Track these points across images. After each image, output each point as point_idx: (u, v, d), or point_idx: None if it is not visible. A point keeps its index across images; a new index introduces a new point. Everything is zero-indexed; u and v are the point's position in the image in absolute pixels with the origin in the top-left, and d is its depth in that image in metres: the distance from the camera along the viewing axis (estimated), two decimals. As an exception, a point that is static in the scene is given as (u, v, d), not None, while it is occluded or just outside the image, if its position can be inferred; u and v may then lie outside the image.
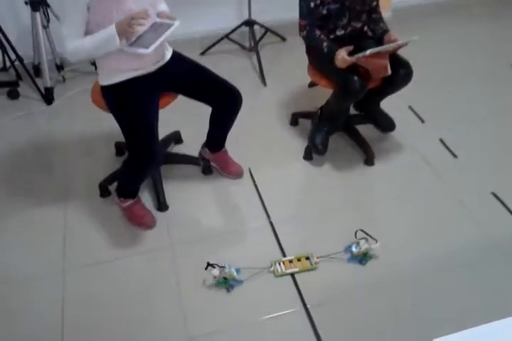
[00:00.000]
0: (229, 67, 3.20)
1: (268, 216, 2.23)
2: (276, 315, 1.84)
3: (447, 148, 2.56)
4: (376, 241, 1.95)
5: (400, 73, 2.24)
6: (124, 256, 2.10)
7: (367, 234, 1.98)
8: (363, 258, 1.96)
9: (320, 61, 2.31)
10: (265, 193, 2.35)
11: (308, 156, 2.51)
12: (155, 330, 1.82)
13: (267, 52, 3.44)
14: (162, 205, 2.30)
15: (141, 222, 2.20)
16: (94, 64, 2.08)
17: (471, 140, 2.62)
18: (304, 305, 1.86)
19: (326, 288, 1.91)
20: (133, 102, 1.89)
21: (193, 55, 2.26)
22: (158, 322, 1.85)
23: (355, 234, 2.00)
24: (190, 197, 2.36)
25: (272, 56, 3.43)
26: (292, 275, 1.96)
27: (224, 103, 2.13)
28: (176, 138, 2.66)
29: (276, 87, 3.10)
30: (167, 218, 2.27)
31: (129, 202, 2.18)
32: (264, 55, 3.31)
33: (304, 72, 2.43)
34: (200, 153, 2.51)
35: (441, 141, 2.60)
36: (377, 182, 2.41)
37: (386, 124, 2.58)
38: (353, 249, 1.96)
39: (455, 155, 2.51)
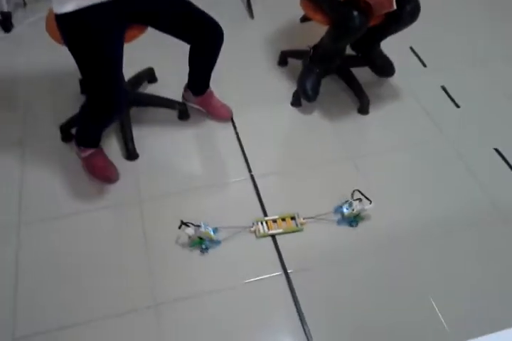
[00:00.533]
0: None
1: (249, 170, 2.01)
2: (255, 280, 1.68)
3: (450, 96, 2.32)
4: (370, 202, 1.75)
5: (406, 9, 1.94)
6: (86, 211, 1.88)
7: (363, 194, 1.78)
8: (354, 220, 1.77)
9: (315, -9, 2.00)
10: (247, 144, 2.11)
11: (296, 102, 2.26)
12: (119, 292, 1.65)
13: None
14: (131, 153, 2.06)
15: (101, 174, 1.95)
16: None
17: (476, 89, 2.37)
18: (284, 269, 1.69)
19: (312, 251, 1.73)
20: (91, 36, 1.57)
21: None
22: (122, 284, 1.67)
23: (352, 195, 1.80)
24: (163, 146, 2.12)
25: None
26: (274, 236, 1.78)
27: (202, 40, 1.82)
28: (148, 75, 2.36)
29: (265, 20, 2.76)
30: (136, 168, 2.03)
31: (89, 151, 1.93)
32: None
33: (296, 4, 2.11)
34: (183, 97, 2.24)
35: (444, 88, 2.35)
36: (371, 133, 2.18)
37: (385, 68, 2.31)
38: (344, 210, 1.76)
39: (458, 105, 2.28)
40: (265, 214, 1.85)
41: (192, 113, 2.22)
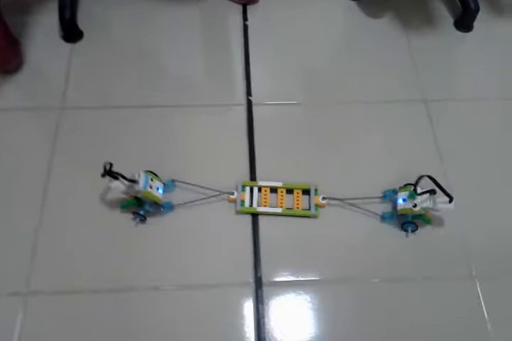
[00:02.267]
0: None
1: (249, 92, 1.19)
2: (202, 284, 0.93)
3: None
4: (451, 200, 0.92)
5: None
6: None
7: (439, 186, 0.92)
8: (411, 221, 0.96)
9: None
10: (256, 49, 1.26)
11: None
12: None
13: None
14: (68, 29, 1.25)
15: None
16: None
17: None
18: (257, 278, 0.94)
19: (321, 255, 0.96)
20: None
21: None
22: None
23: (417, 181, 0.93)
24: (126, 26, 1.30)
25: None
26: (256, 216, 1.01)
27: None
28: None
29: None
30: (73, 55, 1.24)
31: None
32: None
33: None
34: None
35: None
36: (470, 62, 1.29)
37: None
38: (400, 201, 0.96)
39: None
40: (252, 175, 1.06)
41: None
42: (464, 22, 1.33)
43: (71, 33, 1.25)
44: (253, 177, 1.05)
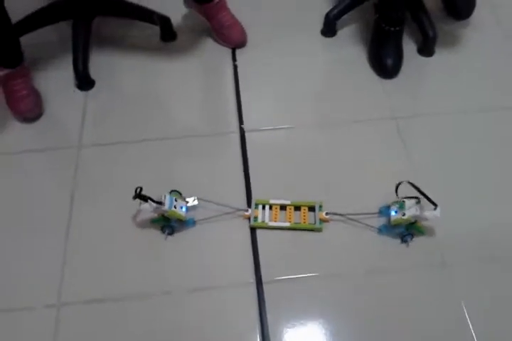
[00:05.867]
0: None
1: (241, 120, 1.37)
2: (223, 285, 1.10)
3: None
4: (436, 207, 1.06)
5: None
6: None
7: (418, 189, 1.07)
8: (407, 231, 1.11)
9: None
10: (247, 84, 1.45)
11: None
12: (16, 279, 1.12)
13: None
14: (81, 79, 1.43)
15: (12, 105, 1.36)
16: None
17: None
18: (258, 279, 1.10)
19: (321, 263, 1.13)
20: None
21: None
22: (22, 268, 1.14)
23: (396, 188, 1.10)
24: (131, 74, 1.49)
25: None
26: (254, 231, 1.17)
27: None
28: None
29: None
30: (87, 101, 1.42)
31: (4, 71, 1.32)
32: None
33: None
34: (184, 1, 1.55)
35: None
36: (434, 83, 1.47)
37: (463, 6, 1.51)
38: (393, 213, 1.11)
39: None
40: (248, 197, 1.22)
41: (182, 32, 1.56)
42: (426, 48, 1.52)
43: (84, 82, 1.43)
44: (249, 199, 1.21)
